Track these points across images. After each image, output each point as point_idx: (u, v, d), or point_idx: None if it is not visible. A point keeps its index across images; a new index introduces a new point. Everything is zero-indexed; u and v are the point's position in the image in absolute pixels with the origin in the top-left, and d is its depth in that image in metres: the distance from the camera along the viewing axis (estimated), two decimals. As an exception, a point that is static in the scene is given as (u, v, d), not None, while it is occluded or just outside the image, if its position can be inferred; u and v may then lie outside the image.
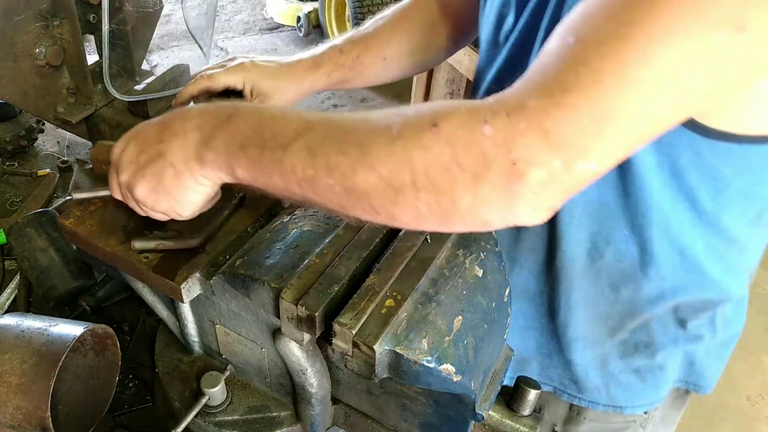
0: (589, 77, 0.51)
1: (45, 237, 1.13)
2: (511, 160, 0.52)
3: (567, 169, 0.52)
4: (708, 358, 0.98)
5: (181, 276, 0.74)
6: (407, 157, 0.55)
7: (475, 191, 0.54)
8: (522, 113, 0.52)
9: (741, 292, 0.92)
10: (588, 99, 0.51)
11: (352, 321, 0.64)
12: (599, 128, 0.51)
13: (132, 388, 1.04)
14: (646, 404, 0.99)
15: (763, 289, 2.95)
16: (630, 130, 0.53)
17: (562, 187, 0.53)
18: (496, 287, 0.78)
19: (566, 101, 0.51)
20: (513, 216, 0.55)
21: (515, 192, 0.53)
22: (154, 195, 0.69)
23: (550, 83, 0.52)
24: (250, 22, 4.99)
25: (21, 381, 0.81)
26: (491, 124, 0.53)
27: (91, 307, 1.12)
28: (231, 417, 0.86)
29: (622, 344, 0.93)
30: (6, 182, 1.53)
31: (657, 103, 0.52)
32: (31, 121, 1.63)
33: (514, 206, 0.54)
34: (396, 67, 1.08)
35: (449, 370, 0.64)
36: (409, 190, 0.55)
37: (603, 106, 0.51)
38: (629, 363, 0.94)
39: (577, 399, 0.99)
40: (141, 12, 1.47)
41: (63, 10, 1.31)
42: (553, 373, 0.99)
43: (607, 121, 0.51)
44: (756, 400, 2.49)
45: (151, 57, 4.21)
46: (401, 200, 0.56)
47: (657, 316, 0.89)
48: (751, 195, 0.77)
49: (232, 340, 0.85)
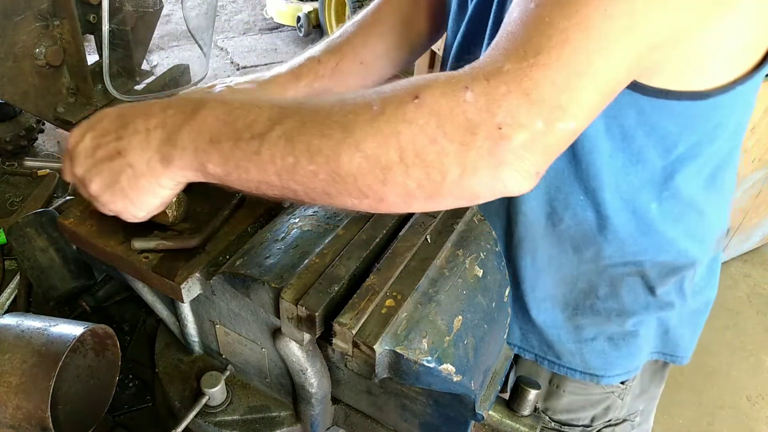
0: (557, 37, 0.54)
1: (45, 237, 1.13)
2: (496, 124, 0.53)
3: (548, 128, 0.54)
4: (681, 326, 0.99)
5: (181, 276, 0.74)
6: (393, 131, 0.55)
7: (462, 160, 0.54)
8: (500, 77, 0.54)
9: (705, 257, 0.94)
10: (560, 58, 0.54)
11: (352, 321, 0.64)
12: (573, 84, 0.54)
13: (132, 388, 1.04)
14: (623, 373, 0.99)
15: (763, 289, 2.95)
16: (600, 84, 0.56)
17: (544, 147, 0.55)
18: (496, 287, 0.78)
19: (540, 62, 0.54)
20: (500, 184, 0.56)
21: (501, 158, 0.54)
22: (109, 193, 0.68)
23: (523, 46, 0.55)
24: (250, 22, 4.99)
25: (21, 381, 0.81)
26: (472, 90, 0.54)
27: (91, 307, 1.12)
28: (231, 417, 0.86)
29: (593, 311, 0.94)
30: (6, 182, 1.53)
31: (621, 54, 0.56)
32: (31, 121, 1.63)
33: (500, 173, 0.55)
34: (375, 70, 1.08)
35: (449, 370, 0.64)
36: (397, 166, 0.55)
37: (574, 63, 0.54)
38: (603, 330, 0.95)
39: (556, 366, 1.00)
40: (141, 12, 1.47)
41: (63, 10, 1.30)
42: (533, 340, 1.00)
43: (581, 77, 0.54)
44: (756, 400, 2.49)
45: (151, 57, 4.21)
46: (390, 178, 0.56)
47: (626, 283, 0.91)
48: (700, 154, 0.79)
49: (232, 340, 0.85)
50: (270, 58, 4.47)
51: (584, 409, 1.06)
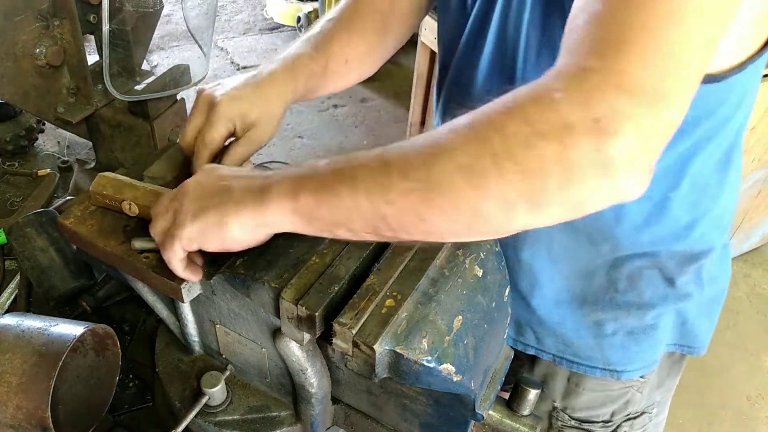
0: (640, 29, 0.52)
1: (45, 237, 1.12)
2: (594, 119, 0.50)
3: (652, 118, 0.51)
4: (699, 316, 0.99)
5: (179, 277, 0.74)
6: (483, 138, 0.53)
7: (564, 161, 0.50)
8: (590, 74, 0.52)
9: (720, 242, 0.94)
10: (647, 47, 0.51)
11: (352, 321, 0.64)
12: (666, 69, 0.52)
13: (132, 388, 1.04)
14: (643, 367, 0.99)
15: (763, 289, 2.95)
16: (691, 71, 0.54)
17: (650, 138, 0.52)
18: (496, 287, 0.78)
19: (630, 53, 0.51)
20: (611, 186, 0.52)
21: (608, 155, 0.50)
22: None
23: (605, 42, 0.52)
24: (250, 22, 4.99)
25: (21, 381, 0.81)
26: (562, 91, 0.52)
27: (91, 307, 1.12)
28: (231, 417, 0.86)
29: (613, 305, 0.94)
30: (6, 182, 1.53)
31: (703, 40, 0.54)
32: (31, 121, 1.63)
33: (609, 172, 0.51)
34: (356, 69, 1.05)
35: (449, 370, 0.64)
36: (492, 172, 0.52)
37: (664, 47, 0.52)
38: (623, 324, 0.95)
39: (575, 365, 0.99)
40: (141, 12, 1.47)
41: (63, 10, 1.30)
42: (548, 341, 1.00)
43: (672, 61, 0.52)
44: (756, 400, 2.49)
45: (151, 57, 4.21)
46: (484, 184, 0.53)
47: (645, 275, 0.91)
48: (715, 136, 0.79)
49: (232, 340, 0.85)
50: (270, 58, 4.46)
51: (604, 405, 1.06)
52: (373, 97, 4.05)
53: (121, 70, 1.46)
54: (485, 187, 0.53)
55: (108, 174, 0.83)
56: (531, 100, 0.53)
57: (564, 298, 0.95)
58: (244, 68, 4.32)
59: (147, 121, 1.43)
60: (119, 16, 1.39)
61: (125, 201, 0.79)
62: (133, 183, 0.81)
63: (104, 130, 1.49)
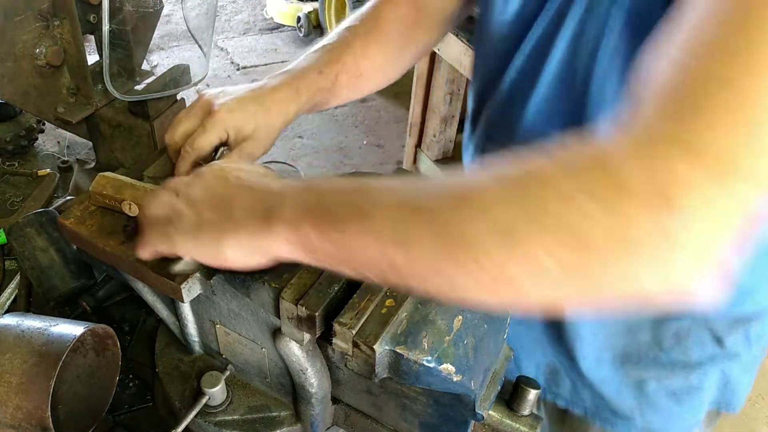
0: (727, 90, 0.43)
1: (45, 237, 1.12)
2: (657, 186, 0.42)
3: (730, 197, 0.42)
4: (742, 374, 0.95)
5: (181, 276, 0.74)
6: (516, 186, 0.46)
7: (611, 228, 0.42)
8: (659, 137, 0.44)
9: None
10: (734, 113, 0.43)
11: (352, 321, 0.64)
12: (756, 146, 0.43)
13: (132, 388, 1.04)
14: (683, 429, 0.95)
15: (763, 289, 2.95)
16: None
17: (728, 221, 0.42)
18: (496, 287, 0.77)
19: (711, 118, 0.43)
20: (671, 273, 0.43)
21: (670, 233, 0.42)
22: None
23: (683, 101, 0.45)
24: (250, 22, 4.99)
25: (21, 381, 0.81)
26: (622, 151, 0.44)
27: (91, 307, 1.12)
28: (231, 417, 0.86)
29: (656, 364, 0.90)
30: (6, 182, 1.53)
31: None
32: (31, 121, 1.63)
33: (669, 255, 0.42)
34: (368, 83, 0.99)
35: (449, 370, 0.64)
36: (524, 227, 0.45)
37: (752, 120, 0.43)
38: (666, 385, 0.91)
39: (610, 424, 0.95)
40: (141, 12, 1.47)
41: (63, 10, 1.30)
42: (584, 394, 0.96)
43: (758, 131, 0.43)
44: (756, 400, 2.49)
45: (151, 57, 4.21)
46: (511, 242, 0.45)
47: (692, 334, 0.86)
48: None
49: (232, 340, 0.85)
50: (270, 58, 4.48)
51: None
52: (373, 97, 4.05)
53: (121, 70, 1.46)
54: (512, 246, 0.46)
55: (108, 174, 0.83)
56: (580, 154, 0.46)
57: (606, 353, 0.91)
58: (243, 68, 4.32)
59: (147, 121, 1.43)
60: (119, 16, 1.39)
61: (125, 201, 0.79)
62: (133, 183, 0.81)
63: (104, 130, 1.49)
